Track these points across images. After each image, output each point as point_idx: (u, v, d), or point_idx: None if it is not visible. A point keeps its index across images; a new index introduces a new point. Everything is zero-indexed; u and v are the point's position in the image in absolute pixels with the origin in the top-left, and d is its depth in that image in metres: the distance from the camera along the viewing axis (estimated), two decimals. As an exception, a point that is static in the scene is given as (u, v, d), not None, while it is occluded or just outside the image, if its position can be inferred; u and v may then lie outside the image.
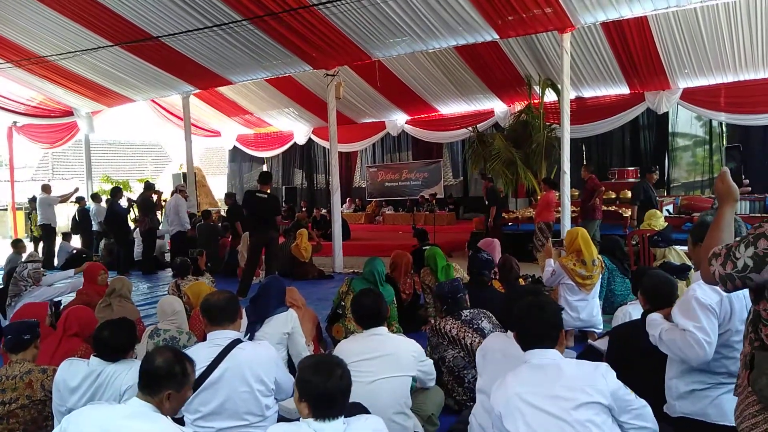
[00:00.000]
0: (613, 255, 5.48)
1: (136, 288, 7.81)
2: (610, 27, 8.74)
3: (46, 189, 11.14)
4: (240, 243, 8.80)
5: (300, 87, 12.84)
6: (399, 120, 14.49)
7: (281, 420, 2.85)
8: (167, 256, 10.74)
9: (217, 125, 16.56)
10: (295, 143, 16.47)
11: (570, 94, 8.35)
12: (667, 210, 9.94)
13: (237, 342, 2.73)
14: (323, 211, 14.60)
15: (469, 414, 2.78)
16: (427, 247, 5.88)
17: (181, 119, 12.38)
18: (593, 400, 1.92)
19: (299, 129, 16.02)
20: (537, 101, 11.23)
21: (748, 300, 2.10)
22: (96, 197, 11.77)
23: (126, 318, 2.95)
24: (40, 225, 10.95)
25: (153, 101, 13.59)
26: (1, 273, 8.16)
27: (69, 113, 13.31)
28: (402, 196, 16.76)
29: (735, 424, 1.69)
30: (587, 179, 9.11)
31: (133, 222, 11.14)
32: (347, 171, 18.00)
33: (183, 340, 3.67)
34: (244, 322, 3.74)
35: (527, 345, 2.14)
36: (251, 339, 3.57)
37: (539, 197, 9.27)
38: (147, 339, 3.68)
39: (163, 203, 10.67)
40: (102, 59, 10.16)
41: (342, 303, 4.65)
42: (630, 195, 8.27)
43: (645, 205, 7.92)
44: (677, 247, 5.72)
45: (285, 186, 18.01)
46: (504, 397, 2.03)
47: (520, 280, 5.01)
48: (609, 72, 10.44)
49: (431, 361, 3.10)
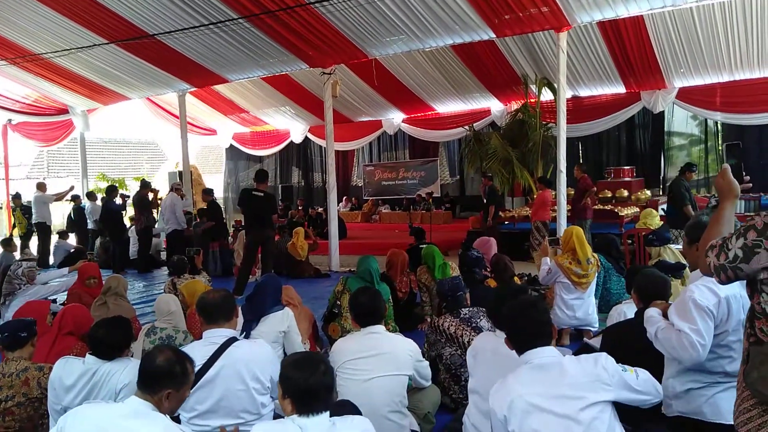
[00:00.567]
0: (609, 254, 5.49)
1: (131, 286, 7.79)
2: (606, 26, 8.76)
3: (41, 187, 11.10)
4: (220, 242, 8.77)
5: (296, 85, 12.81)
6: (396, 119, 14.49)
7: (277, 418, 2.85)
8: (163, 254, 10.71)
9: (213, 123, 16.52)
10: (292, 142, 16.44)
11: (566, 93, 8.36)
12: (663, 209, 9.97)
13: (233, 340, 2.73)
14: (319, 210, 14.59)
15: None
16: (424, 246, 5.89)
17: (177, 117, 12.34)
18: (600, 399, 1.94)
19: (296, 127, 15.99)
20: (533, 100, 11.25)
21: (746, 300, 2.11)
22: (91, 195, 11.73)
23: (122, 316, 2.95)
24: (35, 223, 10.90)
25: (149, 99, 13.54)
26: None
27: (64, 111, 13.25)
28: (399, 194, 16.76)
29: (733, 418, 1.70)
30: (579, 179, 9.14)
31: (129, 220, 11.11)
32: (344, 170, 17.98)
33: (179, 339, 3.66)
34: (240, 320, 3.73)
35: (523, 346, 2.11)
36: (247, 337, 3.56)
37: (535, 196, 9.29)
38: (143, 337, 3.67)
39: (159, 201, 10.63)
40: (97, 57, 10.12)
41: (338, 302, 4.64)
42: (674, 196, 7.69)
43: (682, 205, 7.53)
44: (672, 246, 5.74)
45: (282, 184, 17.99)
46: (507, 400, 2.00)
47: (515, 278, 5.01)
48: (605, 71, 10.47)
49: (428, 363, 3.10)
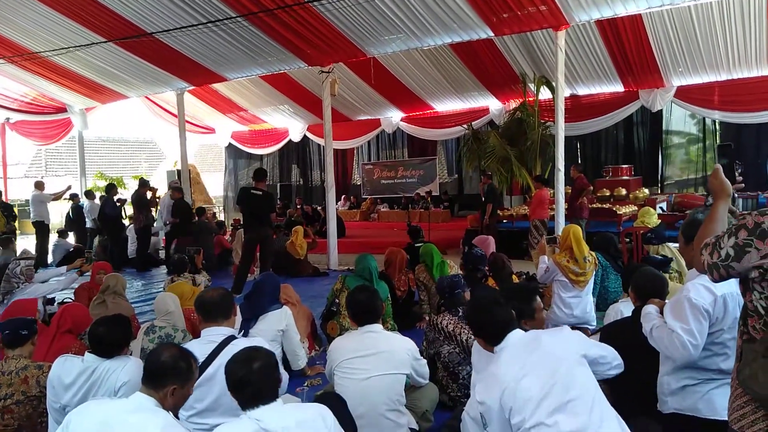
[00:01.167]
0: (607, 252, 5.50)
1: (130, 285, 7.80)
2: (604, 25, 8.78)
3: (39, 186, 11.08)
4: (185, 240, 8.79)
5: (295, 84, 12.81)
6: (394, 117, 14.49)
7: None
8: (161, 253, 10.71)
9: (212, 122, 16.51)
10: (291, 140, 16.44)
11: (564, 91, 8.38)
12: (661, 207, 10.00)
13: (231, 338, 2.74)
14: (318, 208, 14.58)
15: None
16: (421, 245, 5.90)
17: (176, 116, 12.33)
18: (575, 352, 2.14)
19: (294, 126, 15.99)
20: (532, 99, 11.26)
21: (741, 298, 2.13)
22: (90, 194, 11.72)
23: (121, 314, 2.95)
24: (33, 222, 10.90)
25: (147, 98, 13.53)
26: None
27: (62, 110, 13.24)
28: (397, 193, 16.77)
29: (727, 415, 1.72)
30: (576, 178, 9.18)
31: (129, 219, 11.11)
32: (343, 168, 17.99)
33: (178, 337, 3.67)
34: (238, 319, 3.74)
35: (496, 340, 2.25)
36: (245, 336, 3.57)
37: (533, 195, 9.31)
38: (142, 336, 3.68)
39: (158, 200, 10.63)
40: (95, 55, 10.11)
41: (336, 300, 4.65)
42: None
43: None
44: (670, 244, 5.74)
45: (280, 183, 17.98)
46: (499, 391, 2.03)
47: (513, 276, 5.02)
48: (603, 70, 10.48)
49: (426, 362, 3.11)
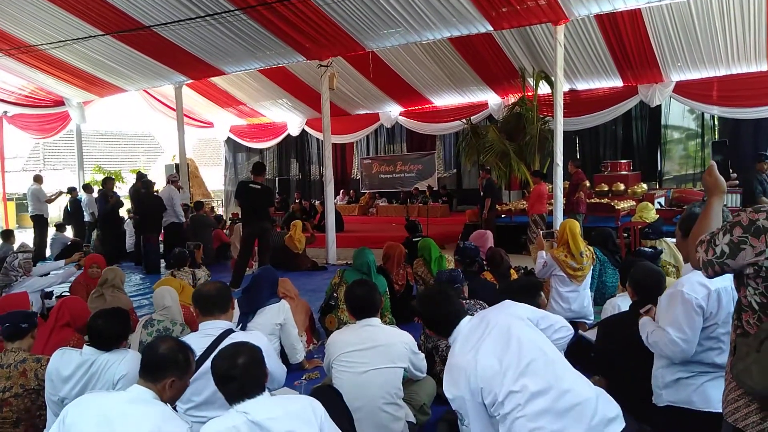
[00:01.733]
0: (605, 247, 5.51)
1: (128, 279, 7.80)
2: (604, 19, 8.76)
3: (38, 180, 11.08)
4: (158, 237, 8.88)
5: (293, 78, 12.78)
6: (393, 112, 14.47)
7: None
8: (160, 246, 10.69)
9: (210, 116, 16.47)
10: (289, 134, 16.41)
11: (563, 86, 8.37)
12: (659, 202, 10.01)
13: (229, 332, 2.75)
14: (316, 203, 14.59)
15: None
16: (419, 239, 5.90)
17: (174, 110, 12.30)
18: (522, 315, 2.26)
19: (293, 120, 15.95)
20: (531, 93, 11.24)
21: (736, 293, 2.14)
22: (87, 188, 11.70)
23: (120, 307, 2.96)
24: (31, 216, 10.89)
25: (145, 91, 13.49)
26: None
27: (60, 103, 13.20)
28: (396, 188, 16.77)
29: (722, 407, 1.74)
30: (573, 173, 9.20)
31: (127, 213, 11.10)
32: (342, 163, 17.97)
33: (176, 331, 3.68)
34: (236, 312, 3.75)
35: (447, 331, 2.31)
36: (243, 329, 3.58)
37: (531, 190, 9.32)
38: (141, 329, 3.69)
39: (156, 194, 10.60)
40: (93, 49, 10.06)
41: (335, 294, 4.66)
42: (745, 190, 7.39)
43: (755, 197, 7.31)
44: (668, 239, 5.76)
45: (279, 177, 17.96)
46: (463, 378, 2.05)
47: (511, 271, 5.03)
48: (602, 65, 10.46)
49: (423, 356, 3.12)
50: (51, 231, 11.13)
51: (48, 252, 10.72)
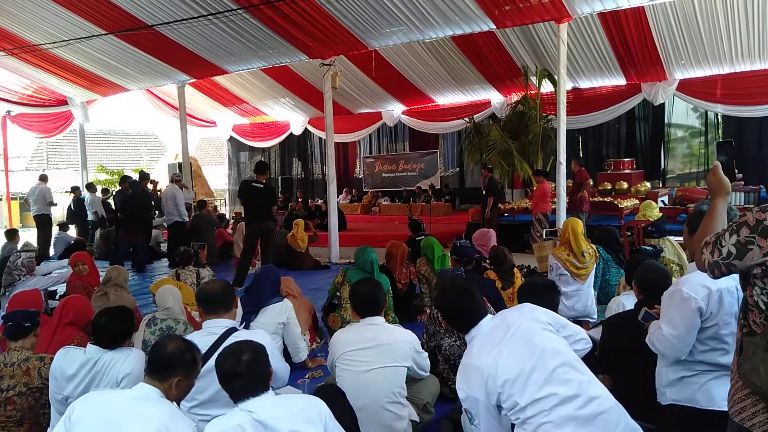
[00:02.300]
0: (609, 245, 5.50)
1: (132, 278, 7.80)
2: (607, 17, 8.73)
3: (43, 179, 11.11)
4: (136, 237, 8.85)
5: (296, 77, 12.78)
6: (396, 110, 14.46)
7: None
8: (163, 246, 10.72)
9: (213, 115, 16.49)
10: (292, 133, 16.41)
11: (566, 84, 8.34)
12: (663, 201, 9.98)
13: (232, 330, 2.74)
14: (319, 202, 14.60)
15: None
16: (422, 238, 5.89)
17: (177, 109, 12.32)
18: (542, 319, 2.21)
19: (295, 119, 15.96)
20: (533, 92, 11.23)
21: (741, 293, 2.13)
22: (91, 187, 11.73)
23: (124, 306, 2.97)
24: (36, 215, 10.92)
25: (148, 90, 13.51)
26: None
27: (63, 102, 13.23)
28: (398, 186, 16.76)
29: (728, 407, 1.73)
30: (576, 172, 9.18)
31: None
32: (344, 161, 17.97)
33: (180, 329, 3.67)
34: (239, 311, 3.75)
35: (468, 328, 2.29)
36: (246, 329, 3.58)
37: (535, 188, 9.31)
38: (144, 328, 3.68)
39: (159, 193, 10.62)
40: (96, 48, 10.08)
41: (337, 293, 4.66)
42: None
43: None
44: (671, 238, 5.74)
45: (281, 176, 17.97)
46: (482, 380, 2.04)
47: (514, 270, 5.02)
48: (605, 63, 10.44)
49: (427, 354, 3.12)
50: (54, 230, 11.16)
51: (51, 251, 10.74)
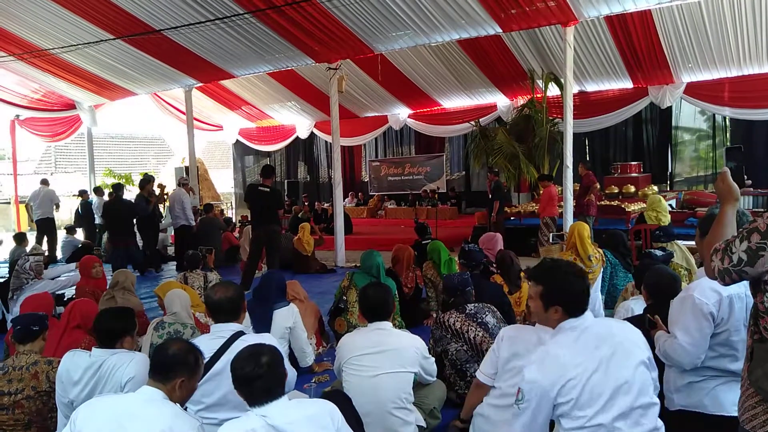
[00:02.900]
0: (616, 249, 5.45)
1: (138, 282, 7.81)
2: (613, 21, 8.72)
3: (45, 183, 11.19)
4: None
5: (302, 80, 12.81)
6: (401, 114, 14.47)
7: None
8: (170, 249, 10.76)
9: (219, 119, 16.56)
10: (298, 137, 16.45)
11: (573, 88, 8.33)
12: (670, 205, 9.92)
13: (240, 334, 2.75)
14: (325, 205, 14.61)
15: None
16: (428, 242, 5.88)
17: (184, 113, 12.38)
18: (647, 356, 2.02)
19: (301, 123, 15.99)
20: (540, 95, 11.20)
21: (750, 299, 2.12)
22: (98, 191, 11.80)
23: (125, 306, 2.98)
24: (40, 219, 10.98)
25: (155, 95, 13.56)
26: (6, 266, 8.19)
27: (71, 106, 13.33)
28: (404, 190, 16.75)
29: (738, 414, 1.71)
30: (583, 175, 9.14)
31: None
32: (350, 165, 17.98)
33: (187, 333, 3.68)
34: (248, 315, 3.75)
35: (580, 311, 2.06)
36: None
37: (541, 192, 9.28)
38: (152, 331, 3.70)
39: (166, 196, 10.67)
40: (104, 52, 10.15)
41: (344, 297, 4.65)
42: None
43: None
44: (679, 242, 5.70)
45: (288, 180, 18.01)
46: (562, 377, 1.93)
47: (521, 274, 5.00)
48: (612, 66, 10.40)
49: (434, 360, 3.11)
50: (62, 234, 11.22)
51: (59, 255, 10.80)
